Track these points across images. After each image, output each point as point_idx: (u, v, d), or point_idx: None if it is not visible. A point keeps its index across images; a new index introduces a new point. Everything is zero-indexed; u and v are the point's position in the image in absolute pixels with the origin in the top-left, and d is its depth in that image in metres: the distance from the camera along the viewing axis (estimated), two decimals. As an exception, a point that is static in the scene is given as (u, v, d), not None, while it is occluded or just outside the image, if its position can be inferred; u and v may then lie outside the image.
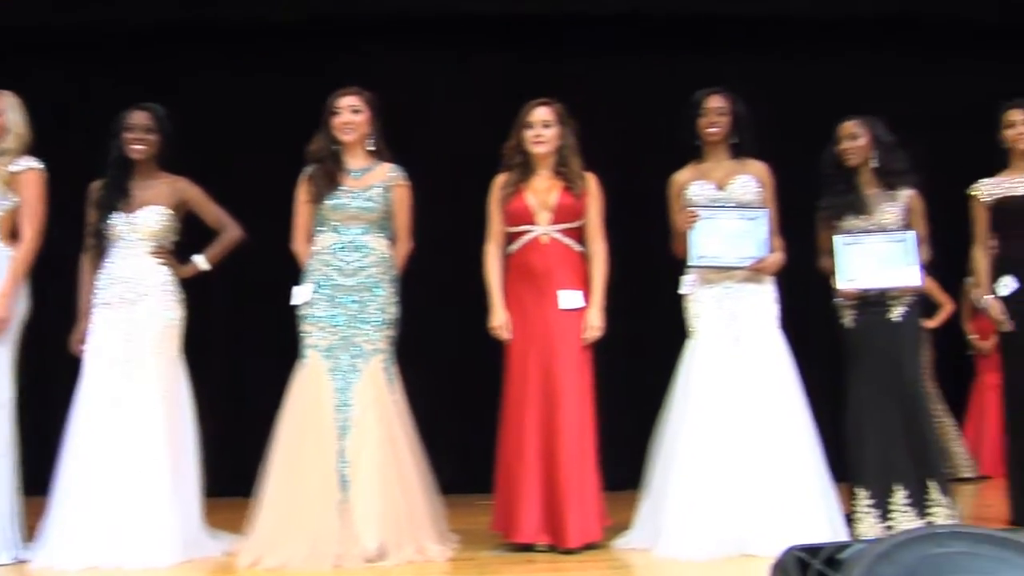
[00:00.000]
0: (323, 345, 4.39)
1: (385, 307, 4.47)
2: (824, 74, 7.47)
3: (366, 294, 4.43)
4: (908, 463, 4.53)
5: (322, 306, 4.41)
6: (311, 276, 4.47)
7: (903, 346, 4.68)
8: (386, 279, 4.50)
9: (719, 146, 4.73)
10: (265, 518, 4.22)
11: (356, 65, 6.22)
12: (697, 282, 4.63)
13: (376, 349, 4.43)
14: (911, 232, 4.67)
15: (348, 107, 4.51)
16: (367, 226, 4.48)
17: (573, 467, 4.33)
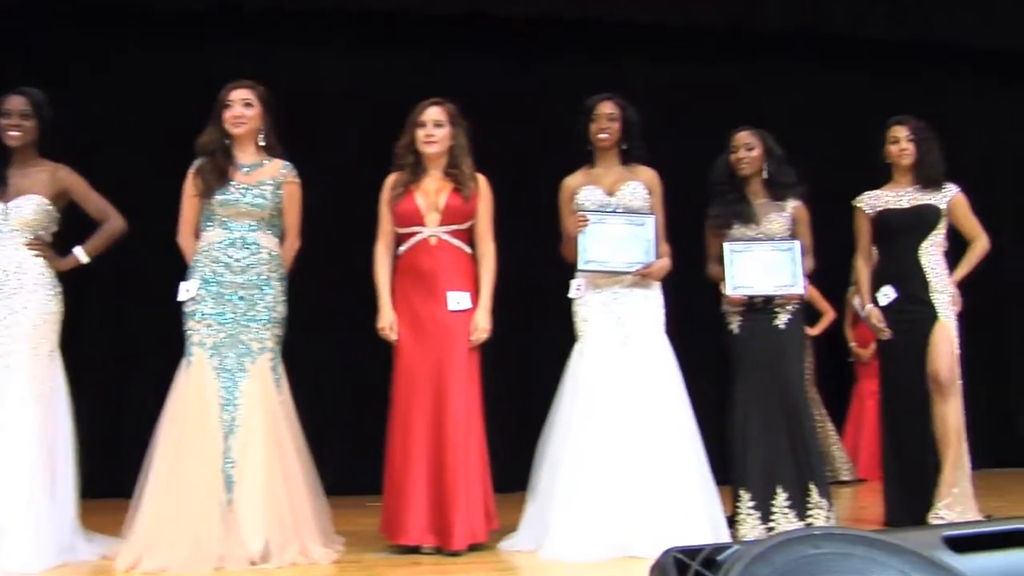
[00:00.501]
0: (209, 343, 4.28)
1: (274, 305, 4.38)
2: (716, 84, 7.61)
3: (254, 292, 4.33)
4: (790, 466, 4.63)
5: (209, 303, 4.30)
6: (198, 272, 4.35)
7: (786, 352, 4.78)
8: (275, 277, 4.41)
9: (610, 152, 4.76)
10: (145, 520, 4.08)
11: (245, 59, 6.10)
12: (585, 286, 4.66)
13: (264, 348, 4.33)
14: (796, 242, 4.79)
15: (240, 100, 4.41)
16: (256, 223, 4.38)
17: (460, 469, 4.31)
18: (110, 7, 6.60)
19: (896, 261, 4.94)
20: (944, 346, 4.78)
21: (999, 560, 1.81)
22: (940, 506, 4.67)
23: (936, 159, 4.97)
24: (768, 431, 4.66)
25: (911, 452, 4.82)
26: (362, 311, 4.77)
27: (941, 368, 4.74)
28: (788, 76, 7.93)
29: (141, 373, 5.95)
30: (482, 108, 5.15)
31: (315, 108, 6.79)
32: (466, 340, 4.45)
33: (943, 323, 4.81)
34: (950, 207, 4.93)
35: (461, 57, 7.11)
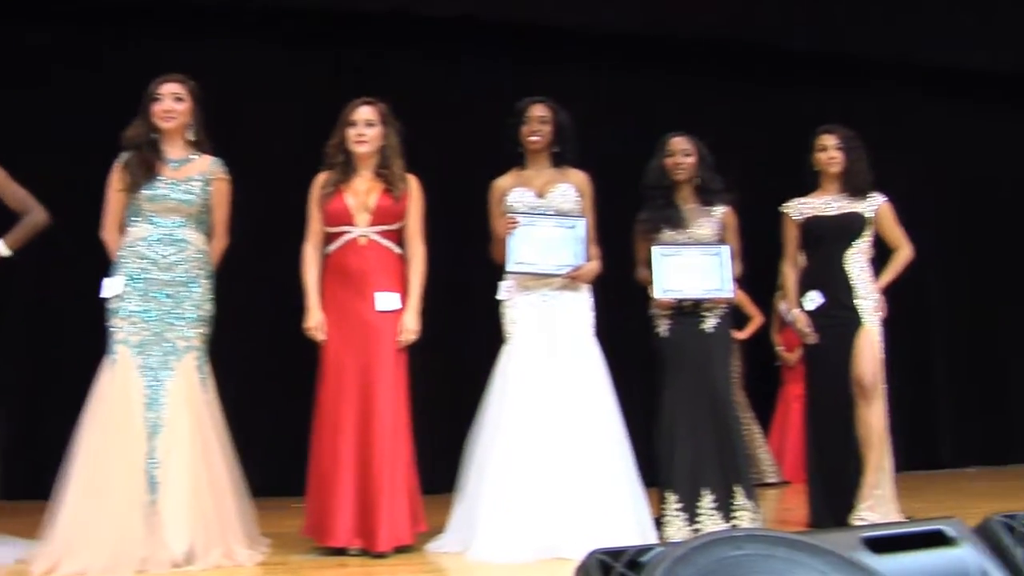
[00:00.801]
0: (133, 341, 4.18)
1: (200, 304, 4.30)
2: (646, 89, 7.67)
3: (181, 289, 4.25)
4: (716, 469, 4.67)
5: (134, 300, 4.20)
6: (123, 268, 4.25)
7: (714, 356, 4.82)
8: (202, 275, 4.33)
9: (540, 154, 4.76)
10: (64, 522, 3.97)
11: (172, 52, 6.00)
12: (514, 288, 4.66)
13: (190, 346, 4.25)
14: (725, 246, 4.84)
15: (170, 94, 4.32)
16: (184, 219, 4.30)
17: (386, 470, 4.28)
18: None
19: (822, 267, 5.02)
20: (868, 351, 4.86)
21: (916, 560, 1.84)
22: (862, 508, 4.75)
23: (863, 168, 5.05)
24: (695, 433, 4.69)
25: (835, 455, 4.90)
26: (290, 311, 4.72)
27: (865, 372, 4.82)
28: (717, 83, 8.02)
29: (62, 371, 5.82)
30: (413, 108, 5.12)
31: (244, 104, 6.71)
32: (394, 341, 4.43)
33: (867, 328, 4.89)
34: (876, 215, 5.02)
35: (393, 56, 7.08)
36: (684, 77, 7.86)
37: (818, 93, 8.13)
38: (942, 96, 8.83)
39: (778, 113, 8.08)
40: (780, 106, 8.15)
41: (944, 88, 8.75)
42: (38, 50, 6.56)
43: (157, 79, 4.35)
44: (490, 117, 5.14)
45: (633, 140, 5.49)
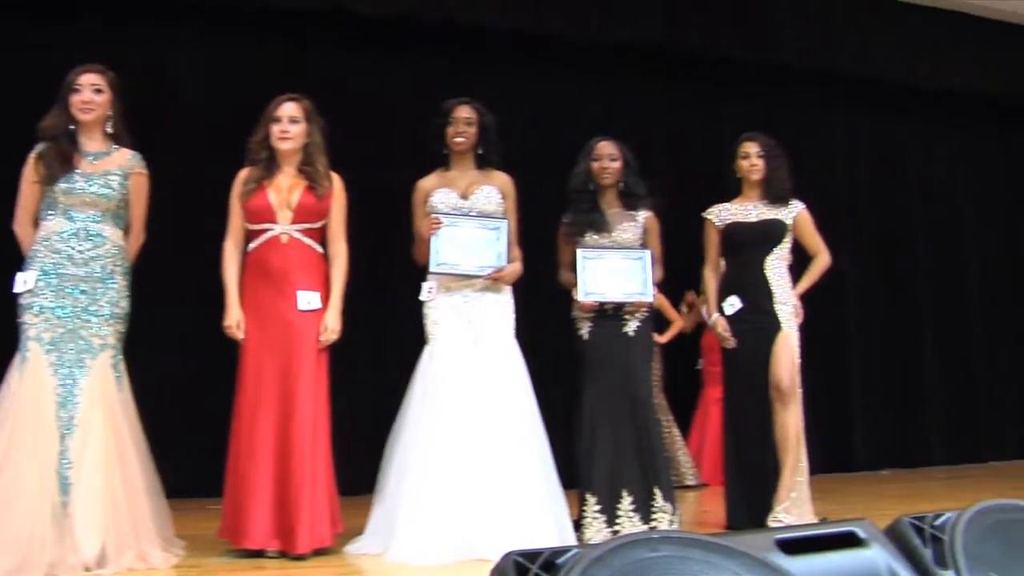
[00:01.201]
0: (46, 338, 4.04)
1: (117, 300, 4.19)
2: (571, 93, 7.71)
3: (97, 286, 4.14)
4: (635, 471, 4.70)
5: (48, 296, 4.08)
6: (36, 263, 4.13)
7: (635, 359, 4.85)
8: (119, 271, 4.23)
9: (465, 156, 4.76)
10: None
11: (92, 44, 5.85)
12: (437, 289, 4.65)
13: (105, 344, 4.13)
14: (647, 251, 4.88)
15: (89, 85, 4.20)
16: (101, 214, 4.19)
17: (305, 472, 4.23)
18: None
19: (742, 272, 5.08)
20: (786, 355, 4.93)
21: (828, 561, 1.87)
22: (778, 509, 4.81)
23: (784, 176, 5.12)
24: (615, 436, 4.72)
25: (752, 457, 4.97)
26: (209, 308, 4.64)
27: (783, 376, 4.89)
28: (642, 88, 8.09)
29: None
30: (338, 106, 5.08)
31: (165, 98, 6.59)
32: (315, 340, 4.38)
33: (785, 333, 4.96)
34: (795, 222, 5.09)
35: (319, 53, 7.02)
36: (610, 81, 7.92)
37: (741, 100, 8.24)
38: (863, 106, 9.02)
39: (703, 119, 8.19)
40: (705, 112, 8.25)
41: (865, 98, 8.94)
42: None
43: (76, 69, 4.23)
44: (415, 117, 5.13)
45: (558, 143, 5.50)
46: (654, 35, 7.70)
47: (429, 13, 6.98)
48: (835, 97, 8.84)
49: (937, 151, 9.45)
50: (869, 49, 8.46)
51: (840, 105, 8.92)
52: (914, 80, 8.77)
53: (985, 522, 2.03)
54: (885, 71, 8.62)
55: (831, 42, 8.30)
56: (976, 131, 9.61)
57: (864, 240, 8.89)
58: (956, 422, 9.18)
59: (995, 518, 2.05)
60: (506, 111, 5.04)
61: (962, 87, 9.00)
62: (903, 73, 8.69)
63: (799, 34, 8.18)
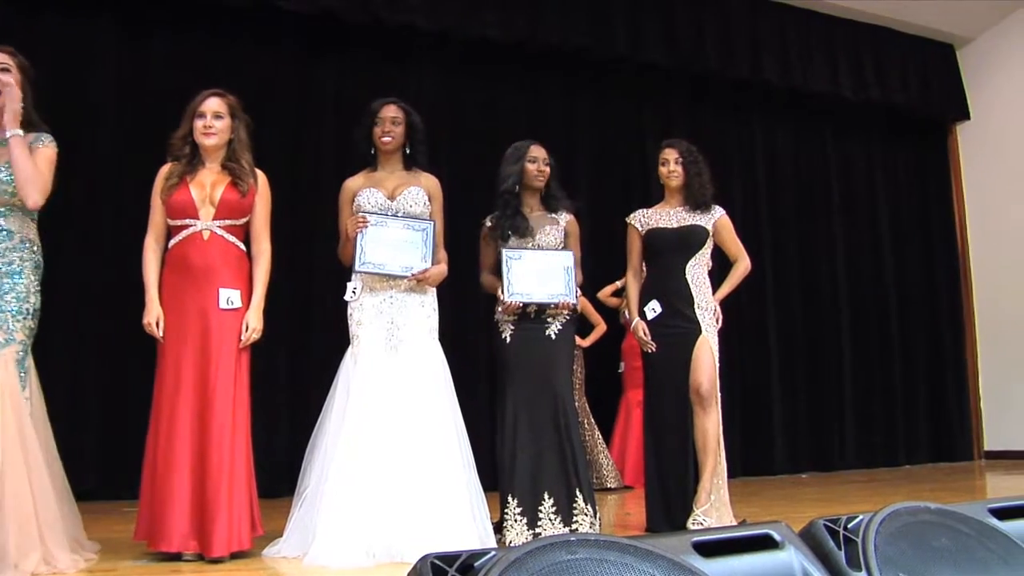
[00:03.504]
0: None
1: (26, 296, 4.01)
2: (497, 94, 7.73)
3: (5, 280, 4.01)
4: (557, 473, 4.71)
5: None
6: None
7: (556, 361, 4.86)
8: (28, 266, 4.06)
9: (392, 156, 4.74)
10: None
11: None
12: (361, 289, 4.62)
13: (10, 340, 3.95)
14: (570, 253, 4.90)
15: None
16: (6, 207, 4.03)
17: (224, 473, 4.17)
18: None
19: (663, 277, 5.12)
20: (706, 360, 4.98)
21: (744, 563, 1.90)
22: (698, 512, 4.85)
23: (704, 182, 5.18)
24: (536, 438, 4.73)
25: (672, 460, 5.01)
26: (127, 305, 4.55)
27: (702, 381, 4.94)
28: (567, 93, 8.14)
29: None
30: (264, 103, 5.02)
31: (82, 89, 6.44)
32: (236, 339, 4.32)
33: (705, 338, 5.01)
34: (715, 227, 5.16)
35: (244, 48, 6.94)
36: (536, 84, 7.95)
37: (666, 105, 8.34)
38: (782, 113, 9.18)
39: (624, 123, 8.26)
40: (627, 117, 8.32)
41: (783, 106, 9.09)
42: None
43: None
44: (340, 116, 5.09)
45: (481, 145, 5.51)
46: (580, 39, 7.74)
47: (359, 12, 6.94)
48: (753, 103, 8.98)
49: (855, 160, 9.66)
50: (791, 59, 8.62)
51: (759, 111, 9.06)
52: (836, 90, 8.96)
53: (897, 524, 2.07)
54: (809, 82, 8.79)
55: (751, 50, 8.42)
56: (891, 142, 9.85)
57: (784, 245, 9.04)
58: (872, 426, 9.38)
59: (906, 520, 2.10)
60: (433, 111, 5.03)
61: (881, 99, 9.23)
62: (825, 84, 8.88)
63: (724, 43, 8.29)
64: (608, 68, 8.13)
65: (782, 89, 8.80)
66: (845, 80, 8.95)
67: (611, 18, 7.77)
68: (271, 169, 4.62)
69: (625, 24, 7.85)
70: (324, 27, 7.05)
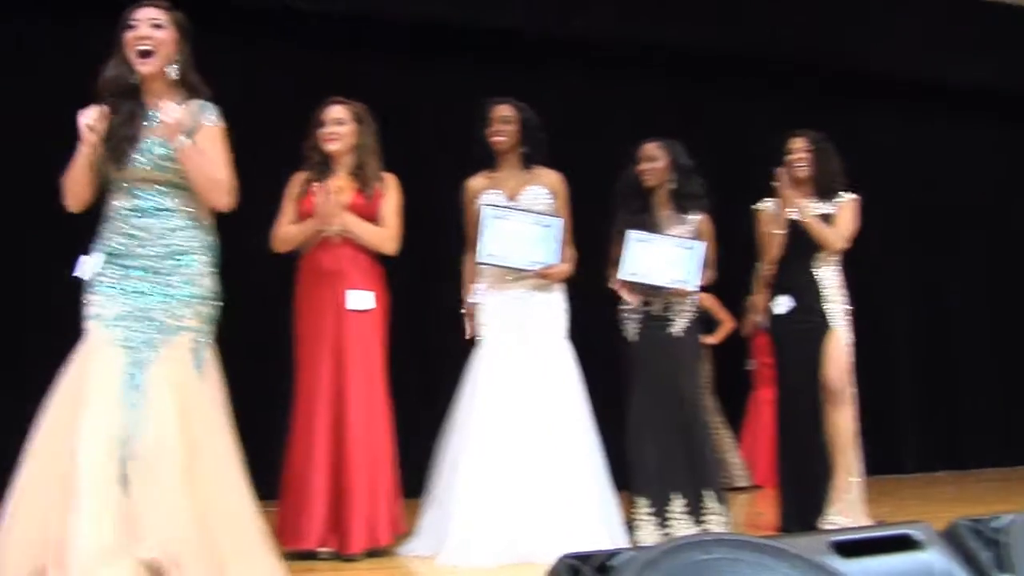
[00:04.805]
0: (109, 316, 3.43)
1: (195, 278, 3.51)
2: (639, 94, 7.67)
3: (168, 262, 3.49)
4: (685, 473, 4.68)
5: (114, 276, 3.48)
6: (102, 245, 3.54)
7: (682, 360, 4.83)
8: (196, 245, 3.54)
9: (510, 156, 4.74)
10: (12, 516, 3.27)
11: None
12: (487, 289, 4.65)
13: (179, 327, 3.46)
14: (700, 243, 4.82)
15: (147, 20, 3.46)
16: (167, 183, 3.51)
17: (361, 471, 4.27)
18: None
19: (792, 271, 5.03)
20: (836, 355, 4.88)
21: (884, 564, 1.86)
22: (832, 512, 4.77)
23: (833, 171, 5.05)
24: (663, 438, 4.70)
25: (804, 459, 4.91)
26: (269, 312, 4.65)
27: (833, 376, 4.85)
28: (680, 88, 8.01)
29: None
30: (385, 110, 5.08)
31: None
32: (369, 340, 4.42)
33: (835, 332, 4.91)
34: (837, 210, 5.01)
35: (360, 58, 7.01)
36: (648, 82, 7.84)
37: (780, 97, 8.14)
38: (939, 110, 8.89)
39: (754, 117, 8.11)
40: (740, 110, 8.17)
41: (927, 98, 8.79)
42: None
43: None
44: (461, 119, 5.13)
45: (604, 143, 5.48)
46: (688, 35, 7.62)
47: (468, 16, 6.95)
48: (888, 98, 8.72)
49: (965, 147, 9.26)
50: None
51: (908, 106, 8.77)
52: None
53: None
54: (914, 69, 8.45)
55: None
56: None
57: (908, 240, 8.78)
58: (1008, 423, 9.04)
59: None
60: (557, 112, 5.02)
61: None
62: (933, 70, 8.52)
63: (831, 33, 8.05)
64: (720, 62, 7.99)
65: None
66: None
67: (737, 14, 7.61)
68: (398, 173, 4.69)
69: (752, 20, 7.68)
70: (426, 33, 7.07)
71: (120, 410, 3.33)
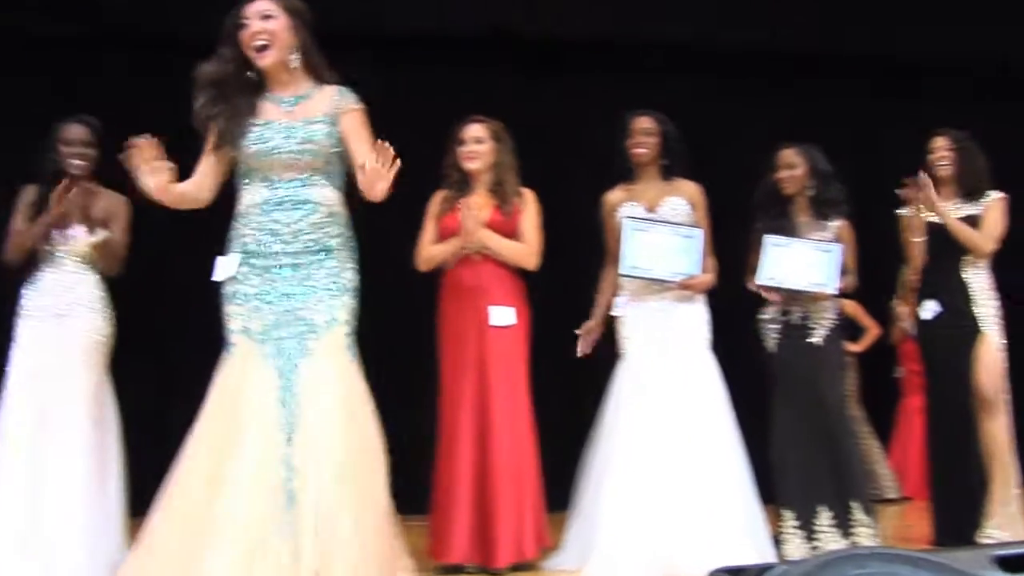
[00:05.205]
0: (256, 329, 3.32)
1: (338, 272, 3.39)
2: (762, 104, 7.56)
3: (312, 257, 3.37)
4: (831, 485, 4.58)
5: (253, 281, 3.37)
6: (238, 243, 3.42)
7: (824, 369, 4.73)
8: (337, 240, 3.42)
9: (649, 167, 4.75)
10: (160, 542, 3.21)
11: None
12: (629, 302, 4.66)
13: (332, 321, 3.33)
14: (838, 245, 4.73)
15: (257, 14, 3.34)
16: (307, 172, 3.39)
17: (506, 485, 4.32)
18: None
19: (939, 274, 4.89)
20: (988, 360, 4.73)
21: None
22: (990, 525, 4.61)
23: (977, 170, 4.89)
24: (808, 450, 4.62)
25: (958, 469, 4.76)
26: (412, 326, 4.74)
27: (985, 383, 4.70)
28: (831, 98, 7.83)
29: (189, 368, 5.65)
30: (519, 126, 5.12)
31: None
32: (512, 355, 4.47)
33: (987, 337, 4.75)
34: (984, 210, 4.85)
35: (494, 75, 7.07)
36: (812, 86, 7.69)
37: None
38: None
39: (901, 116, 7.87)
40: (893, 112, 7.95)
41: None
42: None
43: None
44: (598, 133, 5.14)
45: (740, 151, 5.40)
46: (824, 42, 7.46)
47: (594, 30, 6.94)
48: None
49: None
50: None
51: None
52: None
53: None
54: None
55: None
56: None
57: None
58: None
59: None
60: (690, 122, 4.99)
61: None
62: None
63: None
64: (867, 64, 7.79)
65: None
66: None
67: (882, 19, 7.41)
68: (535, 188, 4.73)
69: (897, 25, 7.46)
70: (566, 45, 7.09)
71: (278, 434, 3.18)
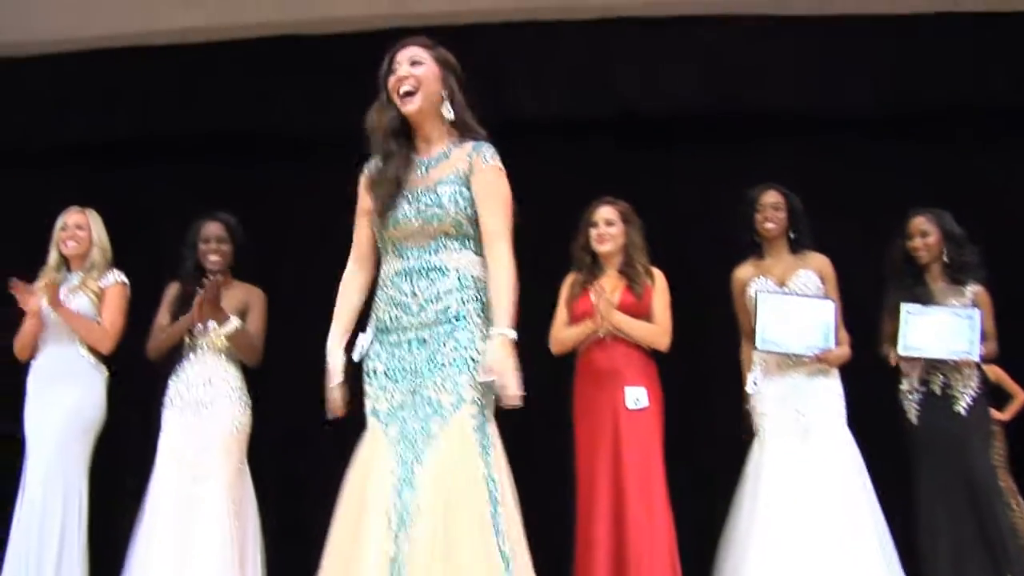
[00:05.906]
0: (383, 409, 3.09)
1: (470, 344, 3.06)
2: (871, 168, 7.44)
3: (441, 328, 3.09)
4: (982, 562, 4.45)
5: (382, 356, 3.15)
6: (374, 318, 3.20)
7: (969, 439, 4.62)
8: (471, 308, 3.11)
9: (777, 241, 4.78)
10: None
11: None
12: (762, 378, 4.64)
13: (459, 401, 3.00)
14: (977, 310, 4.64)
15: (407, 59, 3.18)
16: (438, 237, 3.15)
17: (644, 569, 4.25)
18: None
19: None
20: None
21: None
22: None
23: None
24: (956, 525, 4.49)
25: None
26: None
27: None
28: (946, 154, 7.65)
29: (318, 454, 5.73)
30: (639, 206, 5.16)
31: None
32: (647, 437, 4.43)
33: None
34: None
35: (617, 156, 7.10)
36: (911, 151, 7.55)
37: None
38: None
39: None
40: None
41: None
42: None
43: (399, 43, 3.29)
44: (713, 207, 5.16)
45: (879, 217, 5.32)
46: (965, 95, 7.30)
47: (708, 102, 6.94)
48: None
49: None
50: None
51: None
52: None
53: None
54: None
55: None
56: None
57: None
58: None
59: None
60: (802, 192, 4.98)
61: None
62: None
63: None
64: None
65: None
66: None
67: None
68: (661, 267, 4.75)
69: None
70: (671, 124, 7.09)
71: (390, 528, 2.92)
